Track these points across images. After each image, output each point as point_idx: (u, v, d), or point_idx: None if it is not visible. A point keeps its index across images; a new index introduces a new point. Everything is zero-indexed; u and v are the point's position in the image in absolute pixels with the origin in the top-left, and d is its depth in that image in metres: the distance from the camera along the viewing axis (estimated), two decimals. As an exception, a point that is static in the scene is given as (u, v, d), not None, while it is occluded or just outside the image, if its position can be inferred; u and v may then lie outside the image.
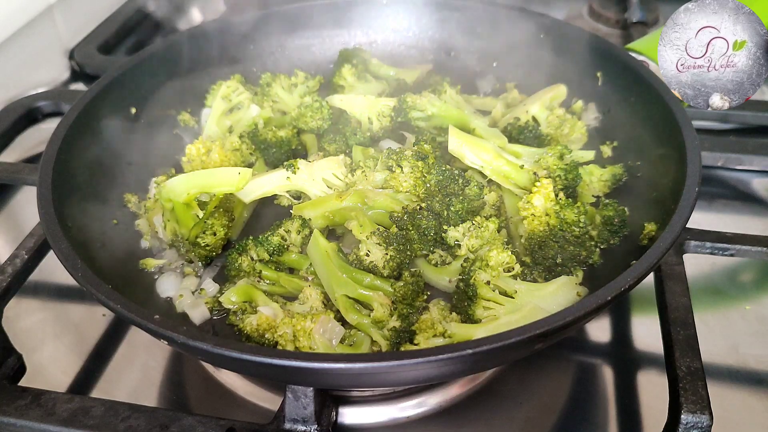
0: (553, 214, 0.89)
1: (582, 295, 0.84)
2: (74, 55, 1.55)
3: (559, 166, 0.94)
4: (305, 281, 0.91)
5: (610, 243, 0.92)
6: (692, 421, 0.74)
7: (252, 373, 0.86)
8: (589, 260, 0.90)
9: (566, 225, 0.88)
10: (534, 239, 0.90)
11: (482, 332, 0.80)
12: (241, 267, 0.92)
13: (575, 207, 0.89)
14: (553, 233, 0.89)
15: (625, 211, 0.92)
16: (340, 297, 0.86)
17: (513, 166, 0.97)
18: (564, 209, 0.89)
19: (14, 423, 0.77)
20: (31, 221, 0.99)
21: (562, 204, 0.89)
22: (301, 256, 0.95)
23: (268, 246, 0.93)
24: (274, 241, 0.93)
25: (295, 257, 0.94)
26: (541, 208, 0.90)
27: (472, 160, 0.97)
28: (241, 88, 1.18)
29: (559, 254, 0.89)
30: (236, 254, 0.93)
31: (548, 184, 0.91)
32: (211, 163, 1.06)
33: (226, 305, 0.90)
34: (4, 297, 0.90)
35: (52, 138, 0.94)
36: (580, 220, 0.88)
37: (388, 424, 0.85)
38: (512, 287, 0.85)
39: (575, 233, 0.88)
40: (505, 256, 0.86)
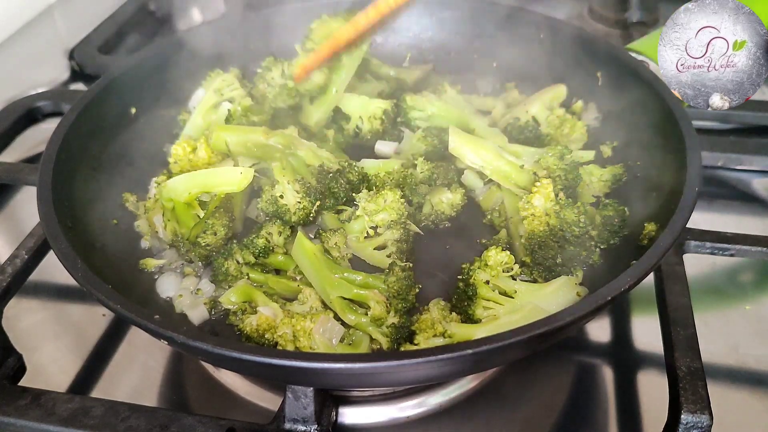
0: (553, 214, 0.89)
1: (582, 295, 0.84)
2: (74, 55, 1.55)
3: (560, 166, 0.94)
4: (293, 281, 0.91)
5: (610, 243, 0.92)
6: (692, 421, 0.74)
7: (252, 373, 0.86)
8: (589, 260, 0.90)
9: (566, 225, 0.88)
10: (534, 239, 0.90)
11: (482, 332, 0.80)
12: (228, 271, 0.91)
13: (575, 207, 0.89)
14: (553, 233, 0.89)
15: (625, 211, 0.92)
16: (335, 299, 0.86)
17: (513, 166, 0.97)
18: (564, 209, 0.89)
19: (14, 423, 0.77)
20: (31, 221, 0.99)
21: (562, 204, 0.89)
22: (287, 257, 0.94)
23: (253, 249, 0.92)
24: (259, 244, 0.93)
25: (281, 258, 0.94)
26: (541, 208, 0.90)
27: (472, 159, 0.98)
28: (236, 83, 1.15)
29: (559, 254, 0.89)
30: (222, 259, 0.92)
31: (548, 184, 0.91)
32: (199, 161, 1.04)
33: (225, 305, 0.90)
34: (4, 297, 0.90)
35: (52, 138, 0.94)
36: (580, 220, 0.88)
37: (388, 424, 0.85)
38: (512, 287, 0.85)
39: (575, 233, 0.88)
40: (504, 255, 0.86)
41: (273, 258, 0.94)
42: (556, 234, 0.88)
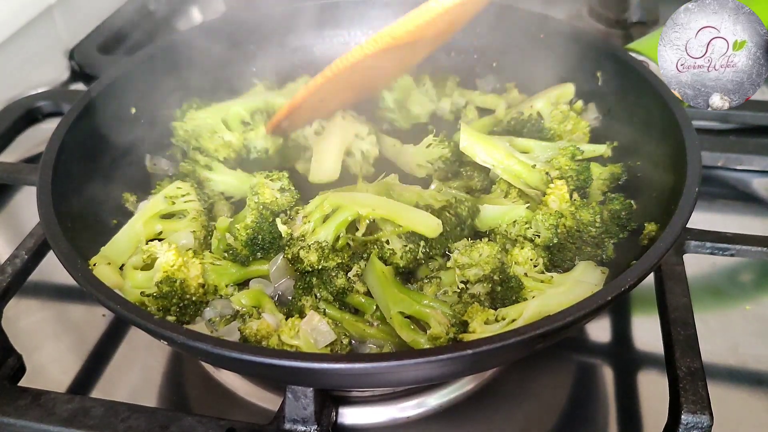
0: (569, 215, 0.89)
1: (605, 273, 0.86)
2: (74, 55, 1.55)
3: (572, 166, 0.94)
4: (369, 326, 0.85)
5: (619, 237, 0.91)
6: (692, 421, 0.73)
7: (252, 373, 0.86)
8: (603, 255, 0.90)
9: (583, 226, 0.88)
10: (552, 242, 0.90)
11: (533, 306, 0.79)
12: (303, 309, 0.85)
13: (590, 207, 0.89)
14: (570, 234, 0.89)
15: (631, 204, 0.92)
16: (395, 315, 0.82)
17: (524, 166, 0.96)
18: (579, 210, 0.89)
19: (14, 423, 0.77)
20: (31, 221, 0.99)
21: (578, 205, 0.89)
22: (369, 299, 0.87)
23: (331, 288, 0.86)
24: (338, 284, 0.86)
25: (363, 300, 0.87)
26: (557, 210, 0.90)
27: (483, 158, 0.97)
28: (192, 194, 0.98)
29: (577, 255, 0.89)
30: (300, 291, 0.87)
31: (562, 186, 0.91)
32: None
33: (235, 306, 0.87)
34: (4, 297, 0.90)
35: (52, 138, 0.94)
36: (596, 221, 0.88)
37: (388, 424, 0.85)
38: (547, 277, 0.85)
39: (591, 233, 0.88)
40: (528, 251, 0.86)
41: (354, 297, 0.88)
42: (573, 235, 0.88)
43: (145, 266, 0.89)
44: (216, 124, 1.09)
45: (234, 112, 1.12)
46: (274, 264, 0.90)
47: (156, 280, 0.85)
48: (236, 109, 1.12)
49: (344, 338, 0.83)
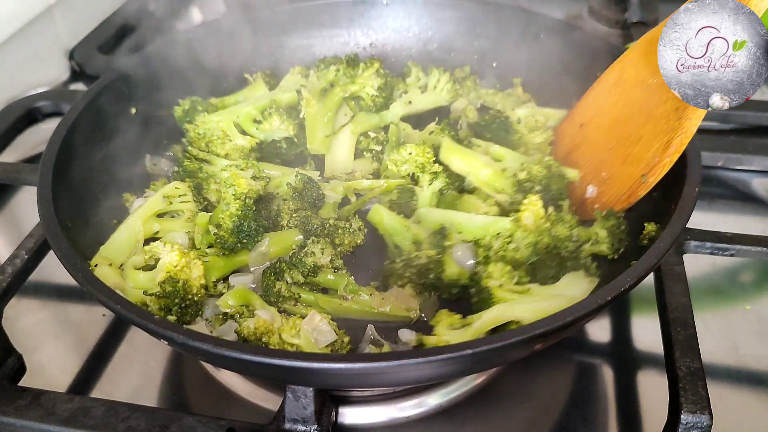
0: (545, 232, 0.89)
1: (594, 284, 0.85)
2: (74, 55, 1.55)
3: (543, 174, 0.95)
4: (344, 300, 0.88)
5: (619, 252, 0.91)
6: (692, 421, 0.73)
7: (252, 373, 0.86)
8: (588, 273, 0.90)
9: (560, 242, 0.88)
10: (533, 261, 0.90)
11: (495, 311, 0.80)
12: (280, 293, 0.89)
13: (566, 222, 0.89)
14: (549, 252, 0.88)
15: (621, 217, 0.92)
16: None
17: (496, 172, 0.99)
18: (555, 226, 0.89)
19: (14, 423, 0.77)
20: (31, 221, 0.99)
21: (553, 220, 0.89)
22: (337, 275, 0.92)
23: (302, 268, 0.89)
24: (307, 262, 0.90)
25: (332, 278, 0.91)
26: (532, 227, 0.89)
27: (459, 166, 1.01)
28: (188, 195, 1.00)
29: (559, 272, 0.88)
30: (273, 278, 0.89)
31: (537, 201, 0.90)
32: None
33: (223, 309, 0.87)
34: (4, 297, 0.90)
35: (52, 138, 0.94)
36: (572, 234, 0.88)
37: (388, 424, 0.85)
38: (524, 288, 0.85)
39: (569, 248, 0.88)
40: (501, 266, 0.86)
41: (323, 277, 0.91)
42: (551, 252, 0.88)
43: (145, 266, 0.90)
44: (229, 128, 1.10)
45: (246, 113, 1.13)
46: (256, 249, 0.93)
47: (159, 280, 0.85)
48: (247, 110, 1.13)
49: (345, 338, 0.84)
